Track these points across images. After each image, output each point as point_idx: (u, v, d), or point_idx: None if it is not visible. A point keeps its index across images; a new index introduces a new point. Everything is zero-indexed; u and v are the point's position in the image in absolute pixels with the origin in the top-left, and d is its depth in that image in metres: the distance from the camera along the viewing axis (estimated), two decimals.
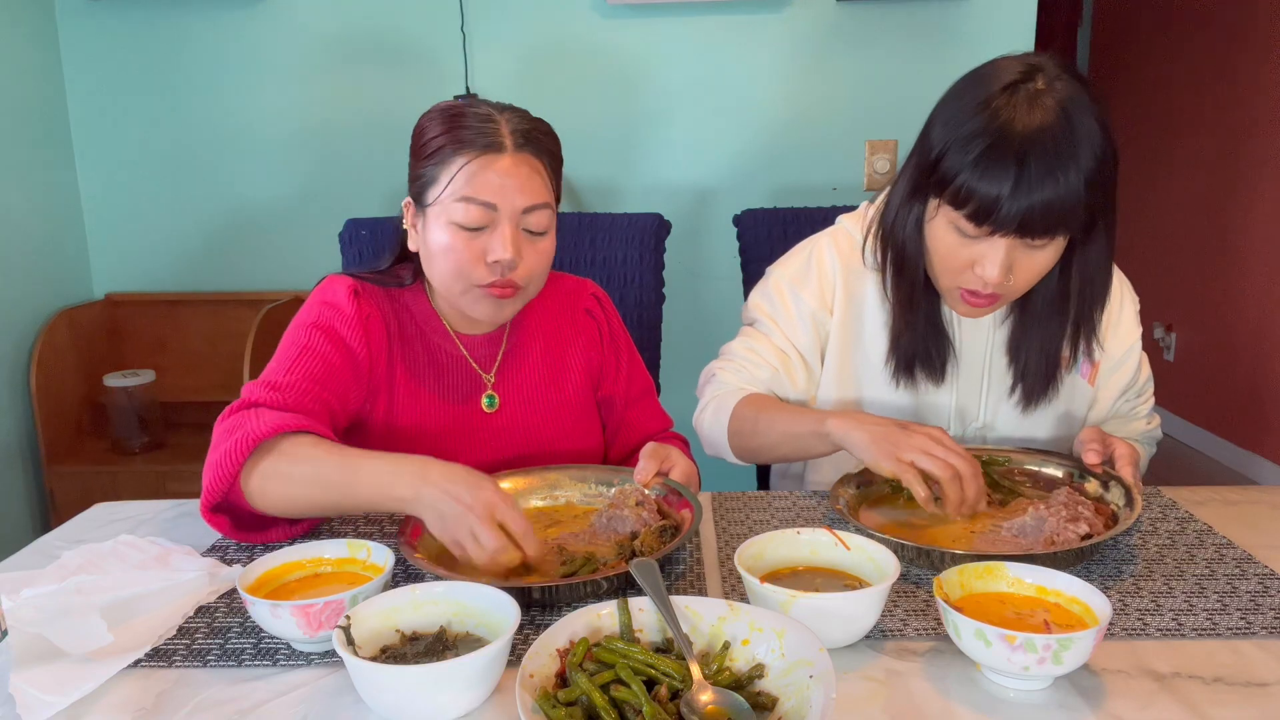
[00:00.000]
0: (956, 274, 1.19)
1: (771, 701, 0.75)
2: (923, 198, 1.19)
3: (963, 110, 1.13)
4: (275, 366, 1.17)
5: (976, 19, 2.52)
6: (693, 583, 1.00)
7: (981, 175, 1.09)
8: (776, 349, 1.35)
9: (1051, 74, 1.12)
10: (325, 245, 2.30)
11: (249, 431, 1.03)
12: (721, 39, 2.58)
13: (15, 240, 2.53)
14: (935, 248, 1.20)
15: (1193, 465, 3.80)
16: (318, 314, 1.21)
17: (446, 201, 1.16)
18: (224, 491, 1.03)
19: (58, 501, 2.56)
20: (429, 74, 2.61)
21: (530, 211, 1.17)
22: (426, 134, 1.19)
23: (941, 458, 1.05)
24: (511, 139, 1.16)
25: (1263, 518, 1.15)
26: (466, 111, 1.18)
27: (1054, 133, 1.07)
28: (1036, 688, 0.80)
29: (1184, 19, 3.95)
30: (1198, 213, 3.88)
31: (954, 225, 1.15)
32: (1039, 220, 1.09)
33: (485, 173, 1.14)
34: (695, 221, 2.66)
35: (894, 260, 1.26)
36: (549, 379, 1.33)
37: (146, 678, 0.84)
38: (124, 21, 2.63)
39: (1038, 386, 1.30)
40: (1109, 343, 1.35)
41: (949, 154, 1.12)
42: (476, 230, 1.16)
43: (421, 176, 1.19)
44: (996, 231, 1.11)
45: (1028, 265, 1.16)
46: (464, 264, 1.17)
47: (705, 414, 1.36)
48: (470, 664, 0.75)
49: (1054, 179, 1.07)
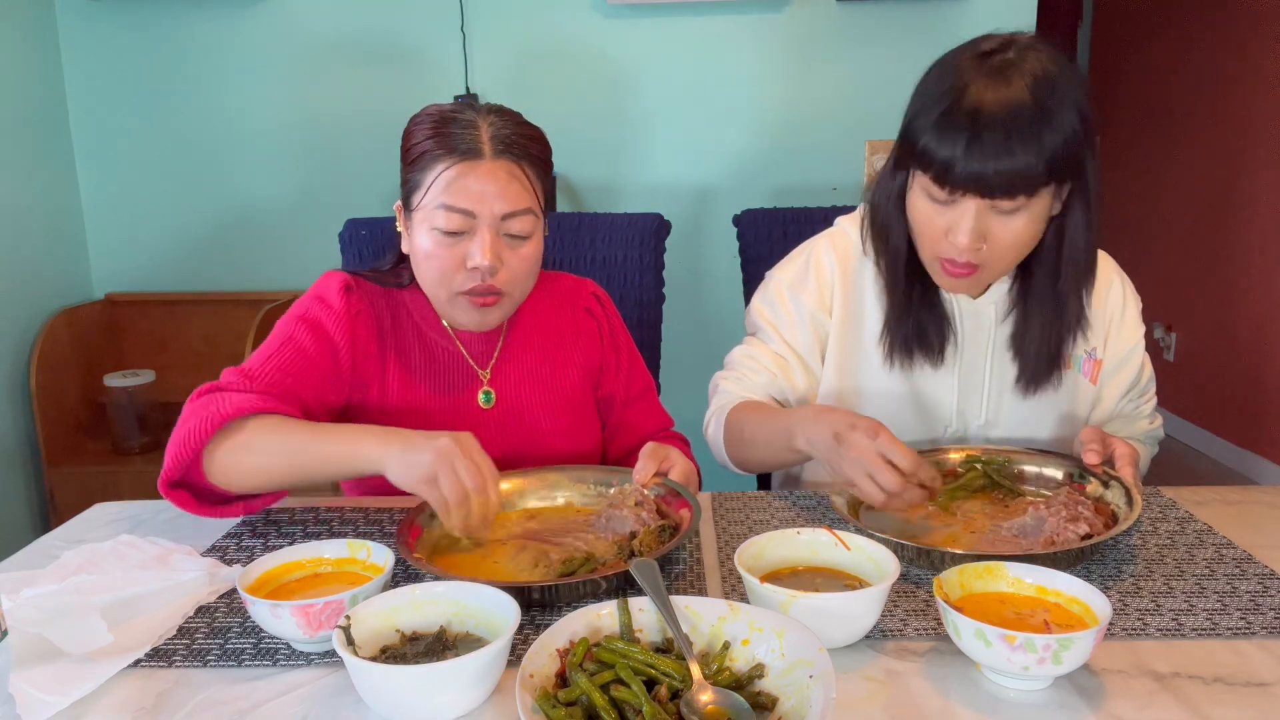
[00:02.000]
0: (934, 243, 1.20)
1: (771, 701, 0.75)
2: (904, 169, 1.22)
3: (932, 77, 1.17)
4: (256, 355, 1.20)
5: (976, 19, 2.52)
6: (693, 583, 1.00)
7: (938, 136, 1.12)
8: (775, 354, 1.36)
9: (1024, 44, 1.14)
10: (325, 245, 2.30)
11: (215, 411, 1.06)
12: (721, 39, 2.58)
13: (15, 240, 2.53)
14: (914, 217, 1.22)
15: (1193, 465, 3.80)
16: (306, 307, 1.24)
17: (428, 207, 1.17)
18: (185, 468, 1.07)
19: (58, 502, 2.56)
20: (429, 74, 2.61)
21: (510, 218, 1.17)
22: (412, 139, 1.21)
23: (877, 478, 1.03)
24: (490, 145, 1.17)
25: (1263, 518, 1.15)
26: (450, 118, 1.19)
27: (1017, 102, 1.09)
28: (1036, 688, 0.80)
29: (1184, 19, 3.95)
30: (1198, 212, 3.88)
31: (926, 192, 1.17)
32: (995, 181, 1.10)
33: (464, 179, 1.15)
34: (695, 221, 2.66)
35: (879, 232, 1.28)
36: (547, 377, 1.34)
37: (146, 678, 0.84)
38: (124, 21, 2.63)
39: (1040, 373, 1.30)
40: (1113, 342, 1.36)
41: (916, 118, 1.15)
42: (457, 236, 1.17)
43: (408, 181, 1.21)
44: (956, 190, 1.13)
45: (1001, 233, 1.16)
46: (445, 270, 1.18)
47: (710, 425, 1.38)
48: (470, 664, 0.75)
49: (1009, 146, 1.08)
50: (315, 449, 1.07)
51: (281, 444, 1.07)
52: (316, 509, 1.21)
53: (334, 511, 1.20)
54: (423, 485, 0.99)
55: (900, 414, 1.32)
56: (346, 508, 1.21)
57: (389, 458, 1.02)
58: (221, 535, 1.14)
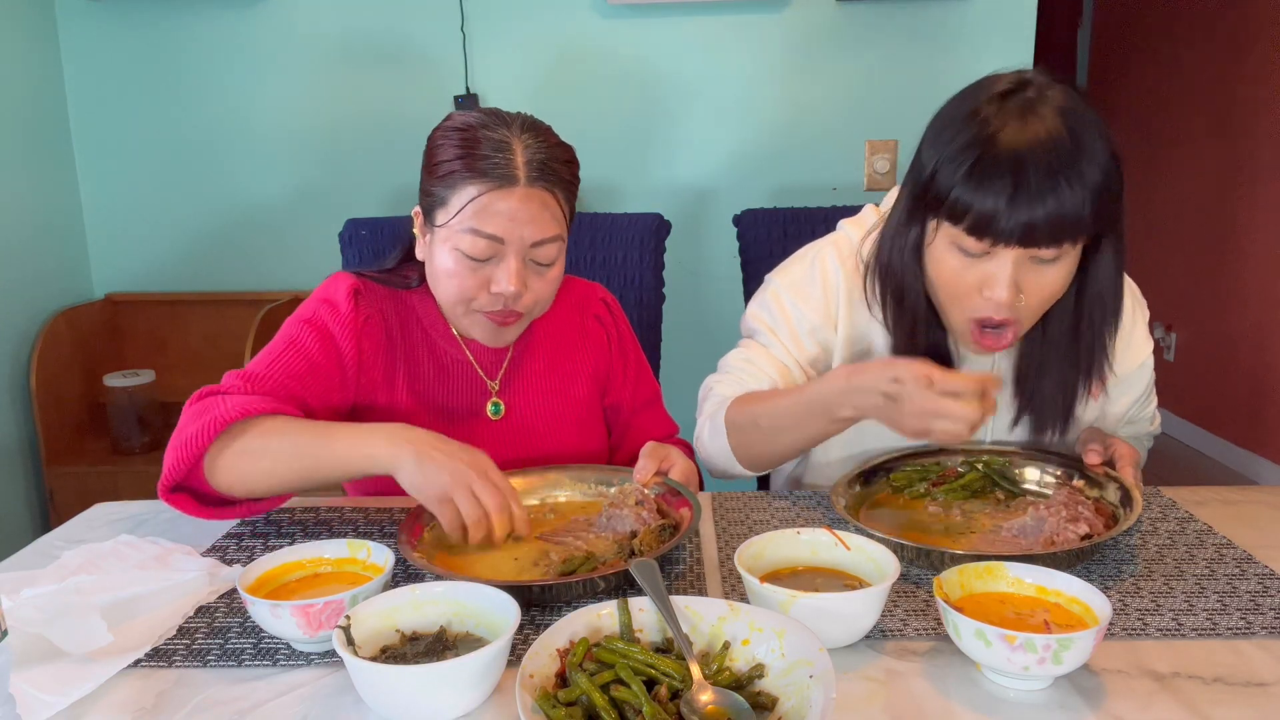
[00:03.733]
0: (964, 300, 1.12)
1: (771, 701, 0.75)
2: (920, 221, 1.13)
3: (951, 125, 1.08)
4: (261, 359, 1.17)
5: (976, 19, 2.52)
6: (693, 583, 1.00)
7: (976, 187, 1.04)
8: (775, 361, 1.29)
9: (1041, 83, 1.08)
10: (325, 245, 2.30)
11: (217, 415, 1.04)
12: (721, 39, 2.58)
13: (15, 240, 2.53)
14: (939, 273, 1.13)
15: (1193, 465, 3.80)
16: (313, 311, 1.21)
17: (454, 229, 1.13)
18: (185, 472, 1.05)
19: (58, 501, 2.56)
20: (429, 74, 2.61)
21: (539, 245, 1.15)
22: (439, 154, 1.15)
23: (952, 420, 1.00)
24: (525, 170, 1.12)
25: (1263, 518, 1.15)
26: (481, 136, 1.13)
27: (1055, 138, 1.03)
28: (1036, 688, 0.80)
29: (1184, 20, 3.95)
30: (1198, 212, 3.88)
31: (955, 245, 1.09)
32: (1043, 230, 1.04)
33: (495, 205, 1.12)
34: (695, 221, 2.66)
35: (893, 293, 1.20)
36: (555, 385, 1.33)
37: (146, 678, 0.84)
38: (124, 21, 2.63)
39: (1051, 418, 1.24)
40: (1121, 361, 1.28)
41: (940, 170, 1.07)
42: (482, 261, 1.14)
43: (431, 194, 1.16)
44: (999, 243, 1.06)
45: (1038, 283, 1.09)
46: (467, 290, 1.16)
47: (704, 432, 1.30)
48: (470, 664, 0.75)
49: (1057, 187, 1.02)
50: (322, 450, 1.04)
51: (287, 446, 1.05)
52: (316, 509, 1.21)
53: (334, 511, 1.20)
54: (435, 503, 0.99)
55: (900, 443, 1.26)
56: (346, 508, 1.21)
57: (401, 465, 1.00)
58: (221, 535, 1.14)
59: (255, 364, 1.16)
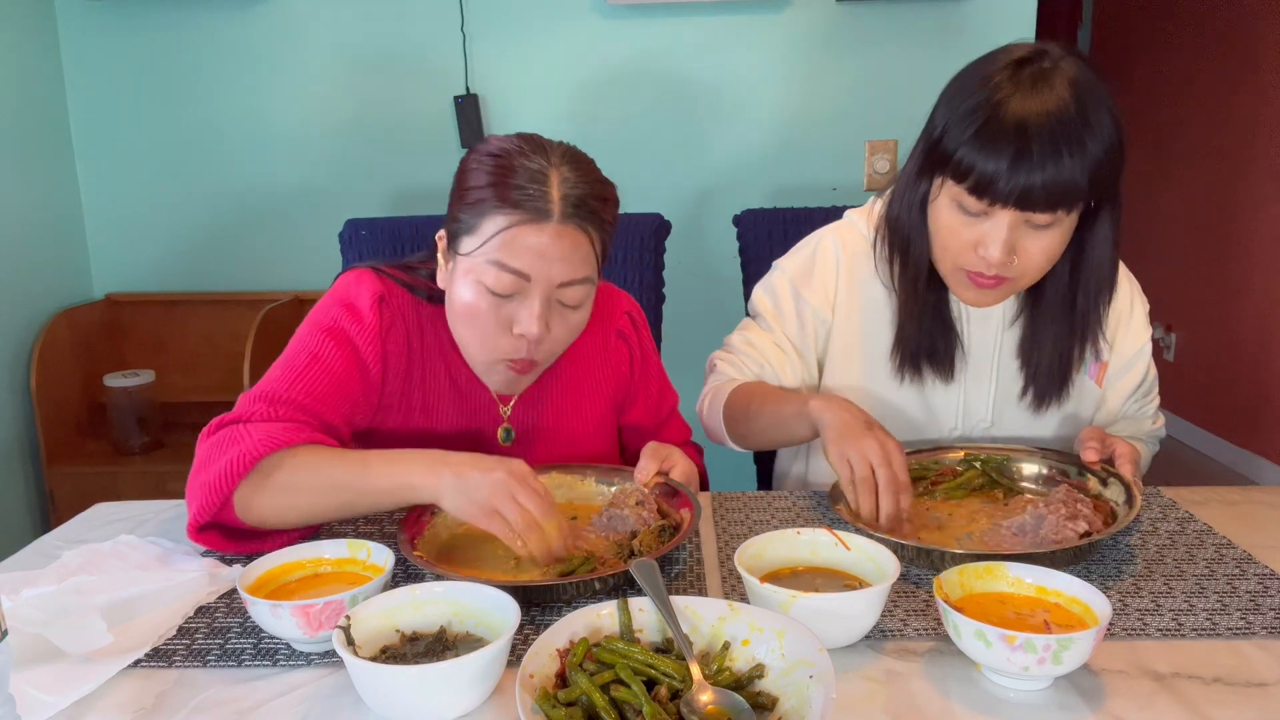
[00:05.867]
0: (958, 254, 1.17)
1: (771, 701, 0.75)
2: (927, 177, 1.19)
3: (965, 88, 1.14)
4: (279, 375, 1.10)
5: (976, 19, 2.52)
6: (692, 583, 1.00)
7: (980, 148, 1.09)
8: (774, 344, 1.37)
9: (1057, 55, 1.12)
10: (325, 245, 2.30)
11: (244, 450, 0.99)
12: (721, 39, 2.58)
13: (15, 240, 2.53)
14: (937, 227, 1.19)
15: (1193, 465, 3.80)
16: (334, 318, 1.13)
17: (479, 260, 1.06)
18: (215, 513, 1.00)
19: (58, 501, 2.56)
20: (429, 74, 2.61)
21: (566, 286, 1.08)
22: (471, 179, 1.08)
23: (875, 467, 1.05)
24: (560, 205, 1.05)
25: (1263, 518, 1.15)
26: (517, 164, 1.06)
27: (1061, 109, 1.07)
28: (1036, 688, 0.80)
29: (1184, 20, 3.94)
30: (1198, 212, 3.88)
31: (956, 202, 1.15)
32: (1040, 195, 1.08)
33: (524, 239, 1.04)
34: (695, 221, 2.66)
35: (899, 245, 1.26)
36: (571, 407, 1.27)
37: (146, 678, 0.84)
38: (124, 22, 2.63)
39: (1051, 387, 1.29)
40: (1119, 344, 1.35)
41: (950, 130, 1.13)
42: (504, 297, 1.08)
43: (459, 221, 1.09)
44: (996, 204, 1.11)
45: (1031, 247, 1.14)
46: (488, 333, 1.09)
47: (705, 403, 1.40)
48: (470, 664, 0.75)
49: (1058, 156, 1.06)
50: (360, 483, 1.00)
51: (323, 480, 1.01)
52: None
53: None
54: (483, 518, 0.96)
55: (905, 419, 1.32)
56: None
57: (443, 491, 0.98)
58: None
59: (274, 382, 1.09)
